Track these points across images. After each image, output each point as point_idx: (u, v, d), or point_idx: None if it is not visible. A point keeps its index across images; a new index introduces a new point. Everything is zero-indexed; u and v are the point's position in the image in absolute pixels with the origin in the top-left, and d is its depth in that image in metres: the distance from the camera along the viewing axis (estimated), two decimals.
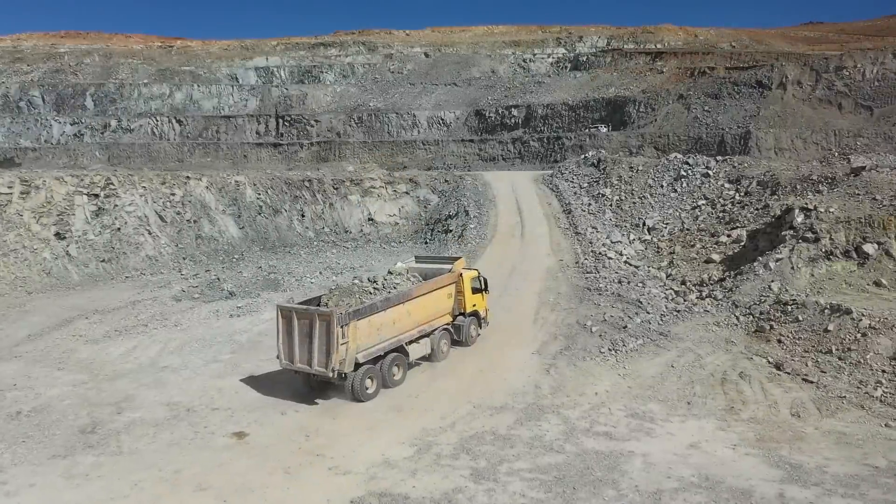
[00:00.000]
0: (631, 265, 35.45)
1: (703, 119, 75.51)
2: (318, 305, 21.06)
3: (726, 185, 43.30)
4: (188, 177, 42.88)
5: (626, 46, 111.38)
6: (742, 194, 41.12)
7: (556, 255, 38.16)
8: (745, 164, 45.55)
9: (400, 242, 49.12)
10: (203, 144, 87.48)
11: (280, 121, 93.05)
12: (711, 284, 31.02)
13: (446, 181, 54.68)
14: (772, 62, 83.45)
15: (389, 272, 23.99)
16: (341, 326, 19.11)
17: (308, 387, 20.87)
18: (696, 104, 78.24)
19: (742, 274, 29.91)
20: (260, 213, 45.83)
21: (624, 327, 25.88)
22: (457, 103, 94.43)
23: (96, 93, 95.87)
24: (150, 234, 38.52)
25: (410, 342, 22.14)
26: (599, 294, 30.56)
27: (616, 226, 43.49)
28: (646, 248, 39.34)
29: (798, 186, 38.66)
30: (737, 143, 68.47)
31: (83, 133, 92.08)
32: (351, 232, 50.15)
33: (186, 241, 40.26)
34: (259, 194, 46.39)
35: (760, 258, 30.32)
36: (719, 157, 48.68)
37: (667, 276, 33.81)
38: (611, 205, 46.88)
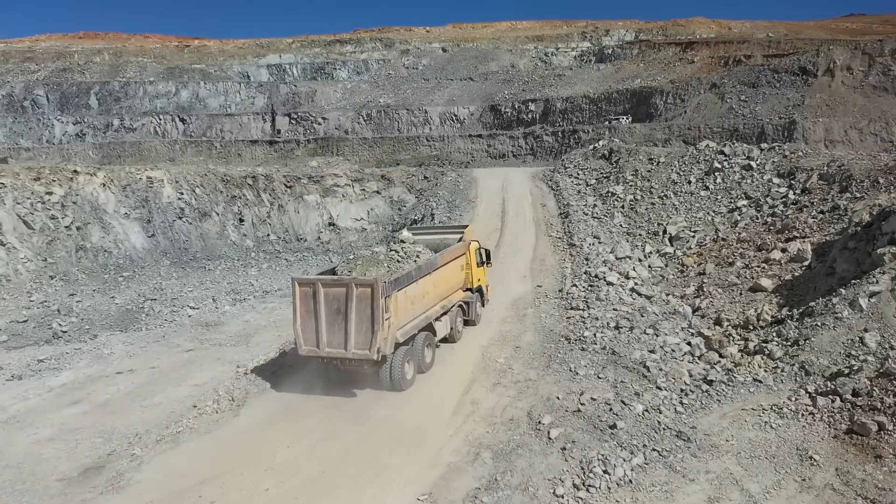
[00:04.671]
0: (640, 294, 22.56)
1: (740, 109, 61.96)
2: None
3: (775, 181, 30.07)
4: (76, 171, 31.11)
5: (655, 38, 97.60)
6: (798, 192, 27.86)
7: (535, 279, 25.32)
8: (800, 153, 32.08)
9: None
10: (195, 142, 76.63)
11: (285, 118, 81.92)
12: (763, 328, 18.20)
13: (425, 178, 41.74)
14: (816, 48, 69.29)
15: (402, 241, 19.32)
16: (384, 298, 14.72)
17: (326, 378, 16.18)
18: (731, 94, 64.76)
19: (813, 316, 16.93)
20: (180, 218, 33.73)
21: (612, 426, 13.34)
22: (471, 98, 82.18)
23: (101, 91, 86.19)
24: (2, 245, 26.85)
25: (436, 319, 17.81)
26: (582, 349, 17.74)
27: (627, 234, 30.48)
28: (666, 265, 26.44)
29: (881, 181, 25.42)
30: (779, 136, 55.00)
31: (85, 133, 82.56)
32: (306, 240, 37.93)
33: (61, 255, 28.19)
34: (182, 194, 34.25)
35: (842, 290, 17.26)
36: (764, 145, 35.12)
37: (693, 311, 21.03)
38: (622, 206, 33.71)
